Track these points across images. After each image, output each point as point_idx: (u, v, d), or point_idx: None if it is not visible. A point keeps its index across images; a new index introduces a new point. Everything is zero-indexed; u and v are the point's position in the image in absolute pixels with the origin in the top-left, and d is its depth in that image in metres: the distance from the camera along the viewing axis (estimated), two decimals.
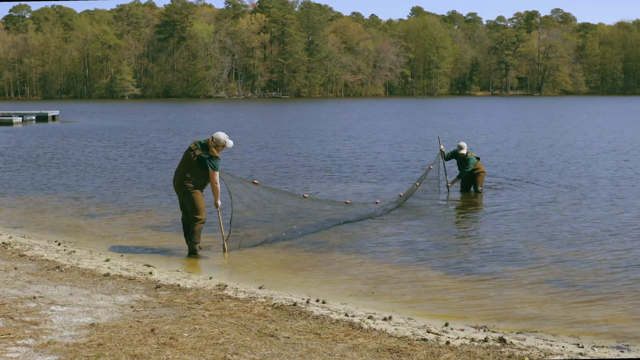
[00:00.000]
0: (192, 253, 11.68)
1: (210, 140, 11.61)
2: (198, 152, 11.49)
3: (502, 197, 17.99)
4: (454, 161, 19.63)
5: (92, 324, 7.27)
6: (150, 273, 10.10)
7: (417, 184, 17.73)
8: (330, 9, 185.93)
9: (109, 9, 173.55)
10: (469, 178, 18.44)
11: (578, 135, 40.67)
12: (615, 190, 19.04)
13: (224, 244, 12.03)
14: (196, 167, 11.51)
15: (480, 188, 18.33)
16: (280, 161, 26.87)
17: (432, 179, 18.41)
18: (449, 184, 18.67)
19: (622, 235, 13.33)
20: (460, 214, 16.58)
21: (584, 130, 44.95)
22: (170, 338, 6.85)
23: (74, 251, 11.75)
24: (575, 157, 28.02)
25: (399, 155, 28.87)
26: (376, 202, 15.78)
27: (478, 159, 18.46)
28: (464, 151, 18.22)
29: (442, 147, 19.05)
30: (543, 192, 18.72)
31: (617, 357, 7.16)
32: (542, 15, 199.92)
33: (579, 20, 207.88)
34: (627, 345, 7.67)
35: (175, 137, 40.85)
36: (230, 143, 11.75)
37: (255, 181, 12.97)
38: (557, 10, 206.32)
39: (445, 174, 18.93)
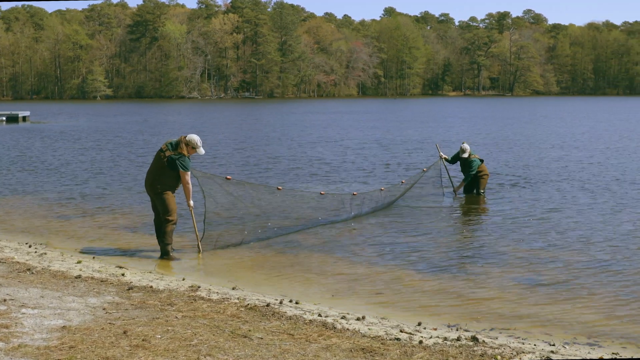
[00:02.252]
0: (165, 254, 11.62)
1: (182, 137, 11.55)
2: (168, 153, 11.42)
3: (495, 198, 17.93)
4: (457, 167, 19.42)
5: (64, 327, 7.21)
6: (123, 275, 10.03)
7: (403, 181, 17.61)
8: (303, 9, 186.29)
9: (80, 9, 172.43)
10: (473, 180, 18.13)
11: (566, 135, 40.95)
12: (597, 190, 19.25)
13: (198, 245, 11.98)
14: (166, 168, 11.44)
15: (482, 191, 18.07)
16: (272, 164, 26.66)
17: (432, 179, 18.24)
18: (456, 189, 18.38)
19: (595, 234, 13.47)
20: (447, 214, 16.42)
21: (572, 131, 45.18)
22: (143, 340, 6.82)
23: (45, 253, 11.64)
24: (569, 157, 28.29)
25: (388, 158, 28.53)
26: (353, 194, 15.55)
27: (482, 161, 18.15)
28: (465, 154, 17.89)
29: (441, 153, 18.78)
30: (532, 193, 18.67)
31: (588, 355, 7.22)
32: (514, 16, 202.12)
33: (550, 21, 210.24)
34: (598, 342, 7.75)
35: (151, 138, 40.61)
36: (201, 150, 11.70)
37: (228, 177, 12.93)
38: (528, 11, 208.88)
39: (450, 180, 18.74)
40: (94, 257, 11.59)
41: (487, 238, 13.37)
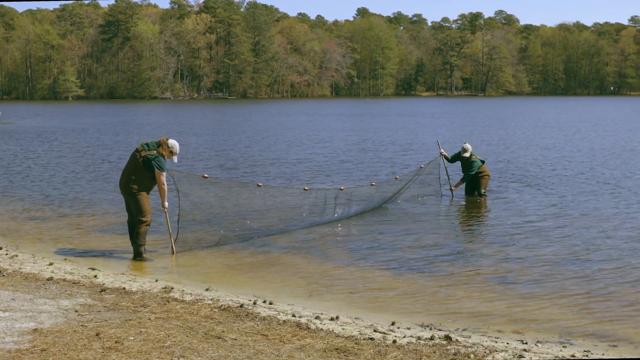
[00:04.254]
0: (138, 255, 11.55)
1: (165, 138, 11.53)
2: (144, 153, 11.37)
3: (480, 199, 17.82)
4: (458, 165, 19.33)
5: (35, 329, 7.15)
6: (95, 276, 9.96)
7: (397, 177, 17.56)
8: (276, 9, 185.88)
9: (51, 9, 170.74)
10: (473, 181, 17.94)
11: (552, 135, 41.20)
12: (571, 186, 19.42)
13: (171, 246, 11.93)
14: (141, 169, 11.39)
15: (483, 191, 17.84)
16: (254, 166, 26.43)
17: (430, 176, 18.13)
18: (453, 187, 18.28)
19: (567, 234, 13.59)
20: (432, 215, 16.14)
21: (556, 131, 45.32)
22: (116, 342, 6.78)
23: (17, 255, 11.53)
24: (556, 157, 28.48)
25: (374, 161, 28.38)
26: (340, 189, 15.27)
27: (483, 162, 18.02)
28: (467, 154, 17.84)
29: (442, 150, 18.75)
30: (515, 195, 18.59)
31: (560, 353, 7.28)
32: (486, 16, 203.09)
33: (522, 22, 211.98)
34: (569, 339, 7.83)
35: (127, 139, 40.30)
36: (175, 159, 11.75)
37: (205, 175, 12.89)
38: (500, 12, 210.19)
39: (448, 177, 18.67)
40: (66, 259, 11.50)
41: (463, 239, 13.48)
